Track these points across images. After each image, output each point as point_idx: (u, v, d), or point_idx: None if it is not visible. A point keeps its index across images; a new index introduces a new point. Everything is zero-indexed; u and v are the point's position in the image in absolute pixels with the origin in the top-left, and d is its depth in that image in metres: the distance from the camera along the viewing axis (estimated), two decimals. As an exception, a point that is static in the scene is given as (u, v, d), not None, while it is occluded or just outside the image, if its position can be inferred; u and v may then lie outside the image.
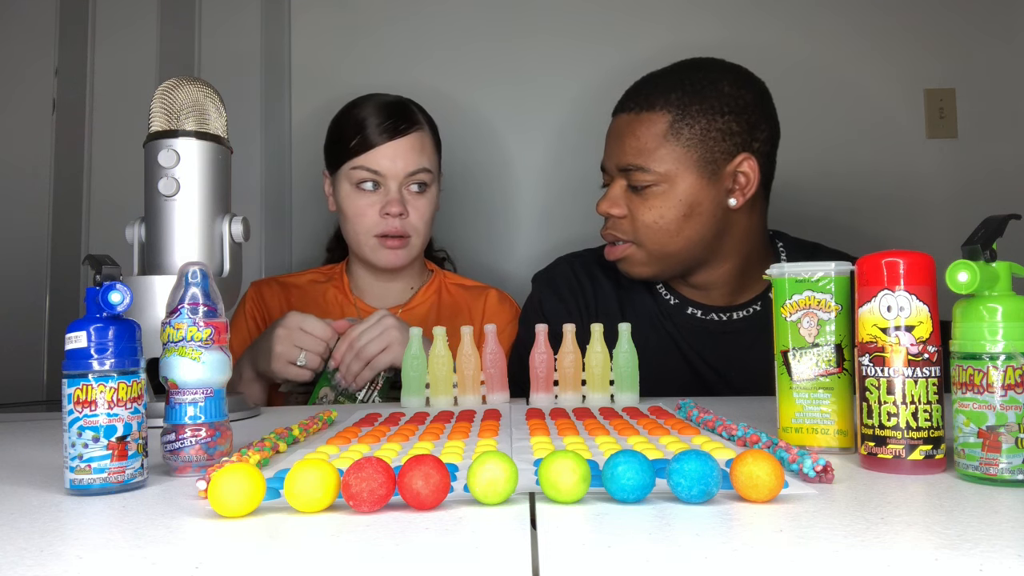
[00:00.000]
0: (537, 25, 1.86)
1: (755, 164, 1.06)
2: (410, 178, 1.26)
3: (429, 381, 0.95)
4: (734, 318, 1.13)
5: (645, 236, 1.07)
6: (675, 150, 1.04)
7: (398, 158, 1.25)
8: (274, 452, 0.63)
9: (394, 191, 1.25)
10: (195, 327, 0.59)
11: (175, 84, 0.93)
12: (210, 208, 0.93)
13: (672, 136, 1.04)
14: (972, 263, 0.51)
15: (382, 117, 1.26)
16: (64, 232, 1.65)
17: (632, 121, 1.07)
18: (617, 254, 1.11)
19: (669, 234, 1.06)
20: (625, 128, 1.07)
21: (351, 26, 1.87)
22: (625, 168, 1.06)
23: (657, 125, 1.05)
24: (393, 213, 1.24)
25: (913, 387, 0.54)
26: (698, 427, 0.73)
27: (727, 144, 1.05)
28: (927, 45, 1.82)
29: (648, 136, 1.05)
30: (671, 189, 1.05)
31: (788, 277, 0.64)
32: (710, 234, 1.07)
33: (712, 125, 1.05)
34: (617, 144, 1.08)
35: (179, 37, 1.79)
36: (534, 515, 0.45)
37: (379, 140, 1.25)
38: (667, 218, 1.05)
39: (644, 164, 1.05)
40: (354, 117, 1.28)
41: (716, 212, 1.06)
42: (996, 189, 1.80)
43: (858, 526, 0.41)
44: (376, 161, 1.24)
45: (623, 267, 1.12)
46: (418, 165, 1.26)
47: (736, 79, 1.09)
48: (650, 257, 1.09)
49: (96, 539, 0.43)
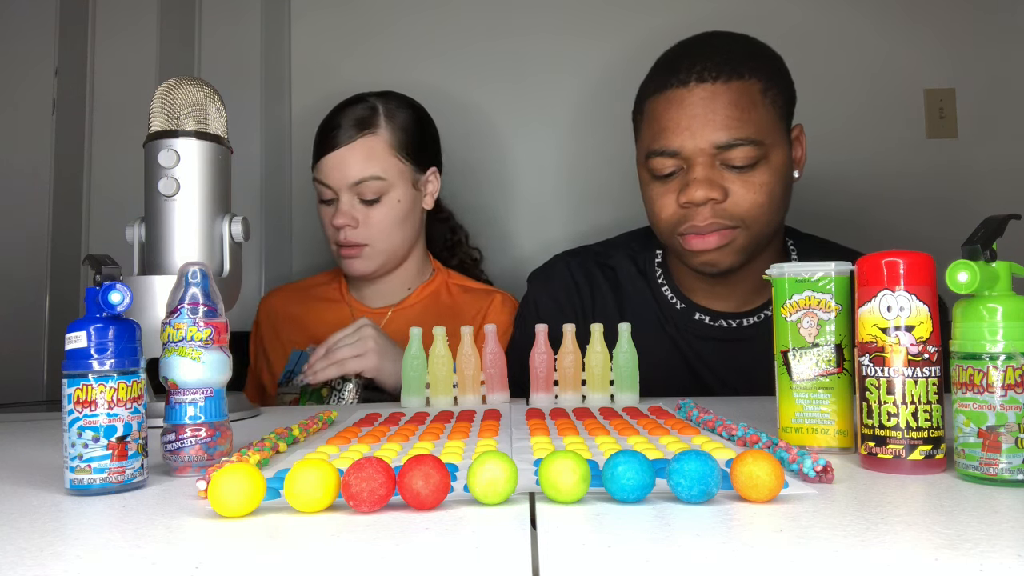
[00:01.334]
0: (537, 23, 1.86)
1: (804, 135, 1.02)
2: (359, 187, 1.23)
3: (429, 381, 0.95)
4: (744, 325, 1.07)
5: (754, 218, 0.97)
6: (773, 118, 0.97)
7: (343, 166, 1.23)
8: (274, 452, 0.63)
9: (345, 202, 1.24)
10: (195, 327, 0.59)
11: (175, 84, 0.93)
12: (210, 208, 0.93)
13: (769, 103, 0.97)
14: (972, 263, 0.51)
15: (334, 125, 1.25)
16: (64, 232, 1.65)
17: (722, 92, 0.95)
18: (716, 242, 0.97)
19: (775, 211, 0.97)
20: (712, 101, 0.95)
21: (351, 26, 1.87)
22: (728, 144, 0.94)
23: (753, 93, 0.96)
24: (339, 225, 1.24)
25: (913, 387, 0.54)
26: (698, 427, 0.73)
27: (789, 112, 1.02)
28: (927, 45, 1.82)
29: (748, 104, 0.95)
30: (770, 161, 0.96)
31: (788, 277, 0.64)
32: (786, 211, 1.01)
33: (788, 91, 1.01)
34: (708, 118, 0.95)
35: (179, 37, 1.79)
36: (534, 515, 0.45)
37: (327, 149, 1.24)
38: (775, 194, 0.96)
39: (754, 136, 0.94)
40: (323, 124, 1.29)
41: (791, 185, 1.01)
42: (996, 189, 1.80)
43: (858, 526, 0.41)
44: (325, 172, 1.25)
45: (713, 258, 0.99)
46: (363, 174, 1.23)
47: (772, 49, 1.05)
48: (751, 242, 0.98)
49: (96, 539, 0.43)
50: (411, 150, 1.29)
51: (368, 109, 1.27)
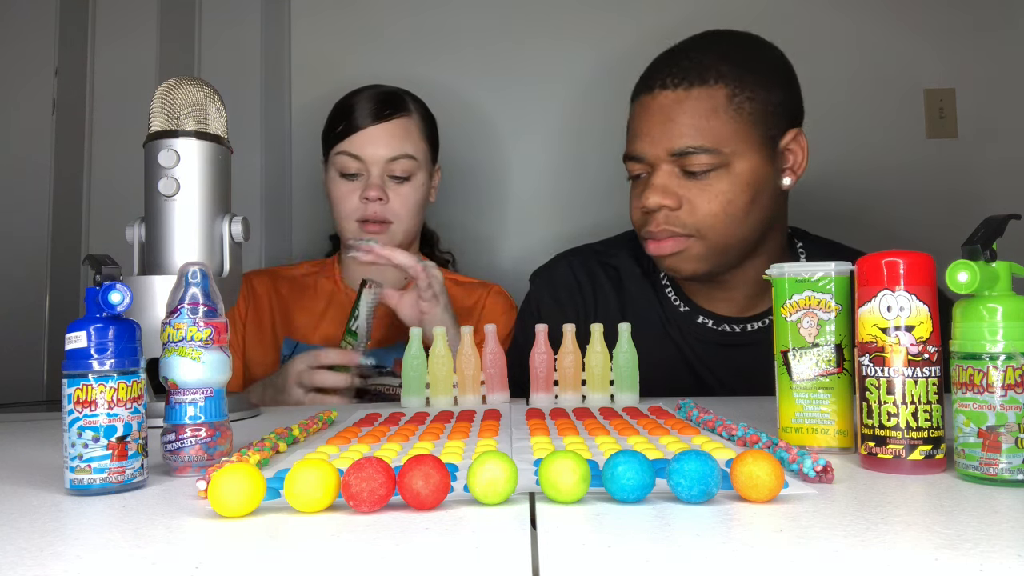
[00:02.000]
0: (537, 21, 1.86)
1: (804, 140, 0.99)
2: (392, 164, 1.26)
3: (429, 381, 0.95)
4: (748, 330, 1.06)
5: (709, 226, 0.96)
6: (738, 126, 0.94)
7: (380, 143, 1.25)
8: (274, 452, 0.63)
9: (375, 176, 1.25)
10: (195, 327, 0.59)
11: (175, 84, 0.93)
12: (210, 208, 0.93)
13: (734, 111, 0.95)
14: (972, 263, 0.51)
15: (369, 103, 1.27)
16: (64, 232, 1.65)
17: (682, 99, 0.95)
18: (672, 248, 0.98)
19: (736, 221, 0.95)
20: (674, 107, 0.95)
21: (351, 25, 1.87)
22: (682, 152, 0.94)
23: (714, 100, 0.94)
24: (372, 197, 1.24)
25: (913, 387, 0.54)
26: (698, 427, 0.73)
27: (781, 119, 0.98)
28: (927, 45, 1.82)
29: (707, 112, 0.94)
30: (734, 171, 0.94)
31: (788, 277, 0.64)
32: (767, 220, 0.98)
33: (770, 97, 0.97)
34: (666, 126, 0.96)
35: (179, 37, 1.79)
36: (534, 515, 0.45)
37: (362, 124, 1.26)
38: (735, 204, 0.94)
39: (708, 144, 0.93)
40: (345, 103, 1.30)
41: (773, 194, 0.98)
42: (996, 189, 1.80)
43: (858, 526, 0.41)
44: (358, 146, 1.25)
45: (673, 264, 1.00)
46: (400, 151, 1.26)
47: (776, 51, 1.02)
48: (710, 250, 0.97)
49: (96, 539, 0.43)
50: (432, 139, 1.34)
51: (394, 93, 1.31)
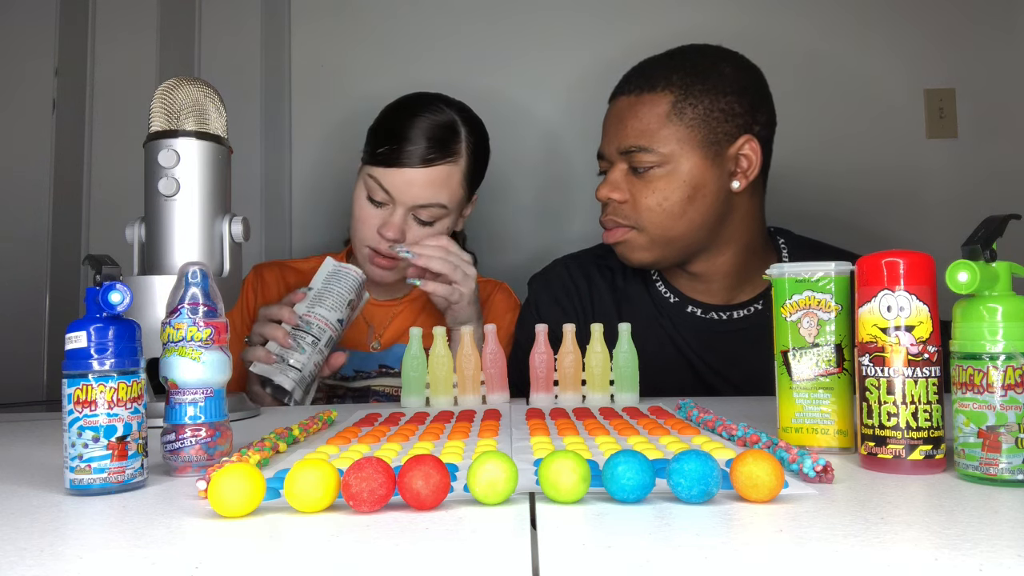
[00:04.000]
0: (537, 25, 1.86)
1: (757, 146, 1.06)
2: (420, 209, 1.19)
3: (429, 381, 0.95)
4: (735, 317, 1.12)
5: (648, 220, 1.05)
6: (678, 130, 1.03)
7: (414, 188, 1.17)
8: (274, 452, 0.63)
9: (399, 216, 1.19)
10: (195, 327, 0.59)
11: (175, 84, 0.93)
12: (210, 208, 0.93)
13: (675, 116, 1.04)
14: (972, 263, 0.51)
15: (416, 139, 1.18)
16: (64, 232, 1.65)
17: (633, 103, 1.06)
18: (616, 237, 1.09)
19: (673, 217, 1.05)
20: (626, 110, 1.06)
21: (351, 26, 1.87)
22: (627, 150, 1.05)
23: (660, 105, 1.04)
24: (388, 237, 1.19)
25: (913, 387, 0.54)
26: (698, 427, 0.73)
27: (729, 125, 1.05)
28: (927, 45, 1.82)
29: (650, 116, 1.04)
30: (674, 170, 1.04)
31: (788, 277, 0.64)
32: (712, 218, 1.06)
33: (715, 105, 1.04)
34: (618, 127, 1.07)
35: (179, 37, 1.79)
36: (534, 515, 0.45)
37: (404, 162, 1.17)
38: (671, 200, 1.04)
39: (647, 145, 1.04)
40: (397, 124, 1.20)
41: (719, 195, 1.05)
42: (996, 189, 1.80)
43: (858, 526, 0.41)
44: (389, 180, 1.18)
45: (622, 251, 1.10)
46: (432, 200, 1.18)
47: (736, 62, 1.09)
48: (651, 242, 1.07)
49: (96, 539, 0.43)
50: (474, 180, 1.27)
51: (451, 129, 1.21)
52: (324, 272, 1.11)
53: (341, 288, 1.09)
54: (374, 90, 1.43)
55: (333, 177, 1.86)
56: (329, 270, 1.11)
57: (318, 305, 1.07)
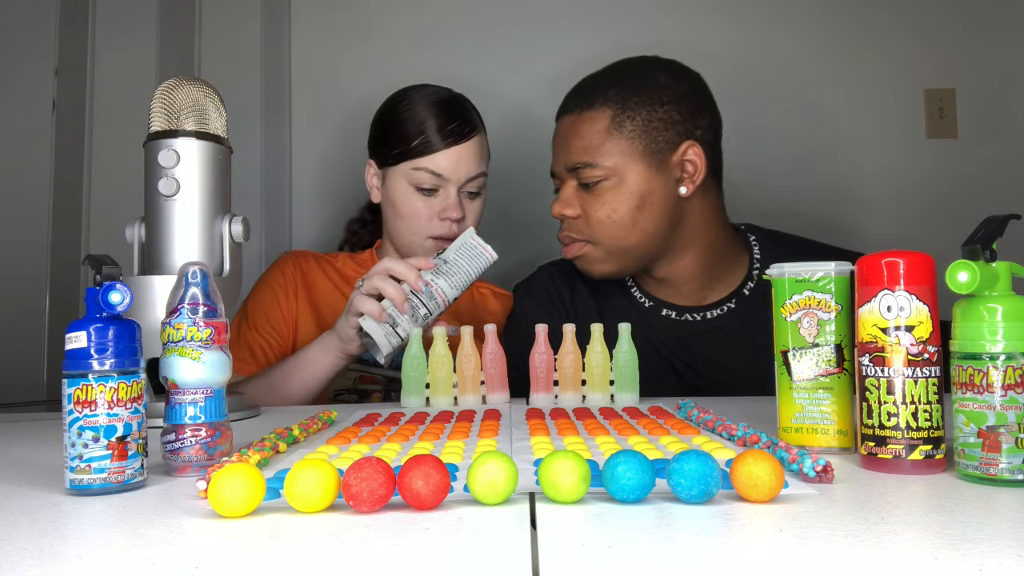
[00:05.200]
0: (537, 22, 1.86)
1: (700, 151, 1.08)
2: (469, 183, 1.25)
3: (429, 381, 0.95)
4: (708, 317, 1.14)
5: (601, 232, 1.08)
6: (620, 143, 1.06)
7: (461, 163, 1.23)
8: (274, 452, 0.63)
9: (453, 195, 1.23)
10: (195, 327, 0.59)
11: (175, 84, 0.93)
12: (210, 208, 0.93)
13: (615, 130, 1.06)
14: (972, 263, 0.51)
15: (445, 118, 1.23)
16: (64, 232, 1.65)
17: (575, 121, 1.09)
18: (573, 252, 1.11)
19: (624, 228, 1.07)
20: (569, 129, 1.09)
21: (351, 26, 1.88)
22: (573, 167, 1.08)
23: (599, 121, 1.07)
24: (453, 218, 1.23)
25: (913, 387, 0.54)
26: (698, 427, 0.73)
27: (670, 133, 1.07)
28: (927, 45, 1.82)
29: (592, 132, 1.07)
30: (621, 183, 1.06)
31: (788, 277, 0.64)
32: (665, 224, 1.08)
33: (653, 115, 1.07)
34: (563, 146, 1.10)
35: (179, 37, 1.79)
36: (534, 515, 0.45)
37: (443, 144, 1.22)
38: (620, 211, 1.07)
39: (591, 160, 1.06)
40: (414, 115, 1.24)
41: (668, 201, 1.08)
42: (996, 189, 1.80)
43: (858, 526, 0.41)
44: (439, 164, 1.22)
45: (581, 265, 1.13)
46: (478, 170, 1.25)
47: (671, 71, 1.12)
48: (608, 253, 1.09)
49: (96, 539, 0.43)
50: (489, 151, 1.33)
51: (463, 102, 1.28)
52: (459, 243, 1.06)
53: (471, 267, 1.05)
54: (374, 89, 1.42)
55: (333, 176, 1.86)
56: (466, 242, 1.06)
57: (443, 277, 1.03)
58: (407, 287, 1.02)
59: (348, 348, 1.07)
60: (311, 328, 1.30)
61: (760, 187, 1.80)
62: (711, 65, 1.20)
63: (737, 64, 1.82)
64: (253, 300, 1.32)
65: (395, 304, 1.01)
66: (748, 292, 1.13)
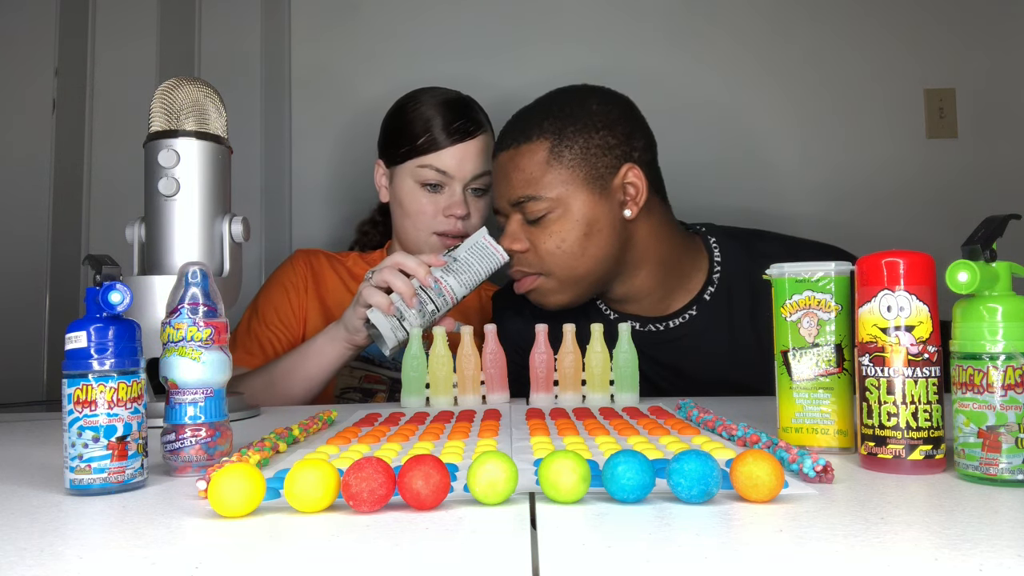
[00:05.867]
0: (538, 24, 1.86)
1: (640, 172, 1.07)
2: (475, 181, 1.26)
3: (429, 381, 0.95)
4: (671, 326, 1.13)
5: (551, 263, 1.07)
6: (561, 173, 1.05)
7: (466, 161, 1.25)
8: (274, 452, 0.63)
9: (458, 193, 1.25)
10: (195, 327, 0.59)
11: (175, 84, 0.93)
12: (210, 208, 0.93)
13: (555, 160, 1.05)
14: (972, 263, 0.51)
15: (451, 117, 1.26)
16: (64, 232, 1.65)
17: (513, 155, 1.08)
18: (528, 286, 1.10)
19: (574, 256, 1.06)
20: (508, 163, 1.08)
21: (351, 26, 1.88)
22: (517, 201, 1.07)
23: (538, 153, 1.06)
24: (458, 215, 1.25)
25: (913, 387, 0.54)
26: (698, 427, 0.73)
27: (609, 158, 1.07)
28: (927, 45, 1.82)
29: (532, 165, 1.06)
30: (566, 212, 1.05)
31: (788, 277, 0.64)
32: (614, 248, 1.08)
33: (590, 142, 1.06)
34: (504, 181, 1.09)
35: (179, 37, 1.79)
36: (534, 515, 0.45)
37: (448, 141, 1.25)
38: (568, 241, 1.05)
39: (534, 193, 1.05)
40: (421, 114, 1.27)
41: (615, 225, 1.07)
42: (996, 189, 1.80)
43: (858, 526, 0.41)
44: (444, 162, 1.24)
45: (535, 299, 1.11)
46: (483, 168, 1.27)
47: (602, 97, 1.11)
48: (561, 284, 1.08)
49: (96, 539, 0.43)
50: None
51: (469, 103, 1.31)
52: (471, 242, 1.06)
53: (481, 267, 1.05)
54: (374, 89, 1.43)
55: (333, 176, 1.86)
56: (478, 242, 1.06)
57: (452, 275, 1.03)
58: (416, 282, 1.02)
59: (355, 339, 1.07)
60: (320, 325, 1.30)
61: (760, 187, 1.80)
62: (712, 65, 1.20)
63: (737, 64, 1.82)
64: (264, 295, 1.33)
65: (403, 298, 1.01)
66: (709, 297, 1.12)
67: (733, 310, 1.11)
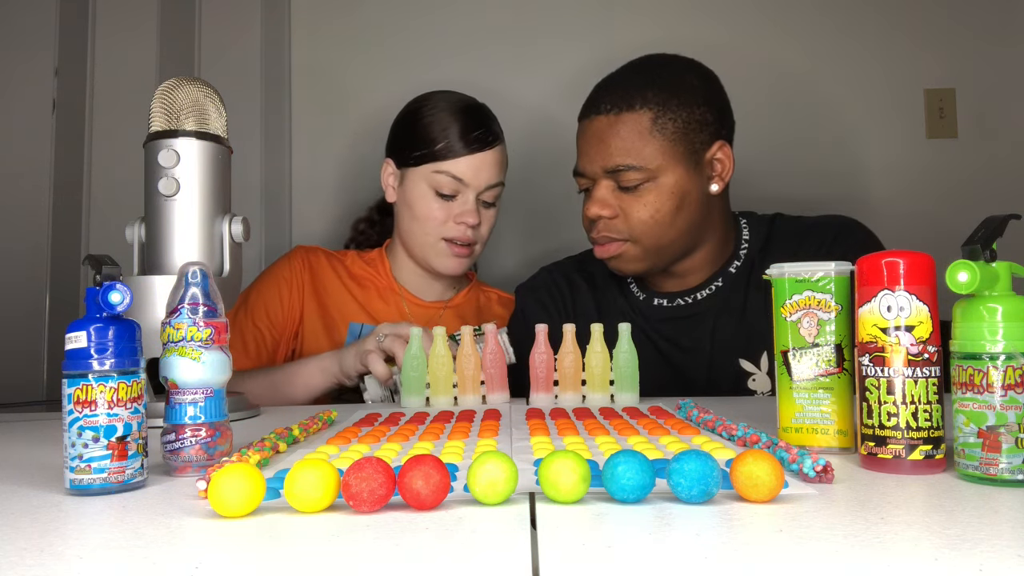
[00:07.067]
0: (538, 26, 1.86)
1: (729, 150, 1.12)
2: (487, 191, 1.27)
3: (429, 381, 0.95)
4: (699, 298, 1.16)
5: (641, 232, 1.09)
6: (662, 145, 1.07)
7: (482, 171, 1.26)
8: (274, 452, 0.63)
9: (471, 201, 1.26)
10: (195, 327, 0.59)
11: (175, 84, 0.93)
12: (210, 208, 0.93)
13: (657, 132, 1.08)
14: (972, 263, 0.51)
15: (470, 125, 1.26)
16: (64, 232, 1.65)
17: (613, 122, 1.09)
18: (611, 252, 1.12)
19: (664, 227, 1.09)
20: (607, 130, 1.09)
21: (351, 26, 1.87)
22: (614, 169, 1.08)
23: (640, 123, 1.08)
24: (470, 223, 1.26)
25: (913, 387, 0.54)
26: (698, 427, 0.73)
27: (704, 134, 1.10)
28: (927, 45, 1.82)
29: (633, 135, 1.08)
30: (662, 183, 1.08)
31: (788, 277, 0.64)
32: (697, 221, 1.11)
33: (691, 117, 1.09)
34: (599, 147, 1.10)
35: (179, 37, 1.79)
36: (534, 515, 0.45)
37: (466, 150, 1.25)
38: (662, 211, 1.08)
39: (634, 163, 1.07)
40: (439, 119, 1.27)
41: (701, 199, 1.11)
42: (996, 189, 1.80)
43: (858, 526, 0.41)
44: (460, 170, 1.25)
45: (616, 265, 1.13)
46: (496, 179, 1.28)
47: (699, 71, 1.14)
48: (645, 252, 1.11)
49: (96, 539, 0.43)
50: None
51: (488, 113, 1.31)
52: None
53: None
54: (374, 89, 1.43)
55: (333, 176, 1.86)
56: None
57: None
58: None
59: (345, 381, 1.13)
60: (316, 323, 1.31)
61: (760, 187, 1.80)
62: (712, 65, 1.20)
63: (737, 64, 1.82)
64: (256, 290, 1.33)
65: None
66: (735, 270, 1.16)
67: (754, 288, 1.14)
